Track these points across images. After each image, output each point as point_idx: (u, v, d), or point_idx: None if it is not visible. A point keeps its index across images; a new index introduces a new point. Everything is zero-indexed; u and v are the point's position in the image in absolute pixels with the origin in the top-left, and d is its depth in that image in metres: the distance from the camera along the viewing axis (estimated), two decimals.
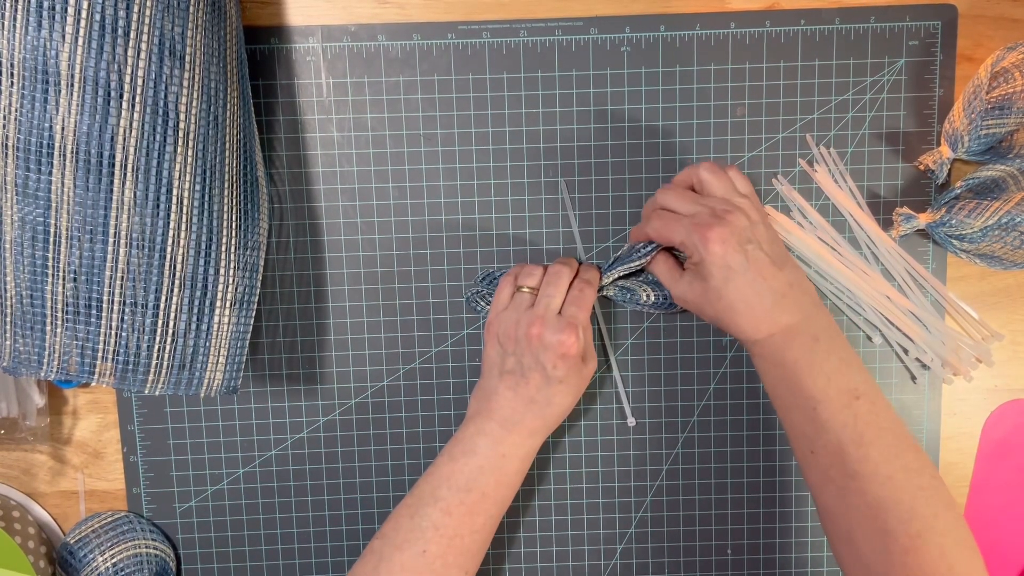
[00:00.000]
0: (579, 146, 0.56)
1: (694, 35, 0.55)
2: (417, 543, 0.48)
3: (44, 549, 0.57)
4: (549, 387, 0.49)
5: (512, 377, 0.50)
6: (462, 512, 0.49)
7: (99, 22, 0.40)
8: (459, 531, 0.49)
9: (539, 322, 0.49)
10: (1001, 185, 0.53)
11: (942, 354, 0.57)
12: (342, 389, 0.58)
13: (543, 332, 0.48)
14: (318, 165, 0.56)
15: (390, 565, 0.48)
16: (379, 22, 0.55)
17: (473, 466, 0.50)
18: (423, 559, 0.48)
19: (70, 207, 0.42)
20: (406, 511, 0.50)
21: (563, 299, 0.50)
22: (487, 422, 0.50)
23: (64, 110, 0.41)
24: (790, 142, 0.56)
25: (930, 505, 0.43)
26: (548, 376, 0.49)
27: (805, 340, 0.46)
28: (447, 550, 0.49)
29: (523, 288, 0.51)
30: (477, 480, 0.49)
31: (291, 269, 0.57)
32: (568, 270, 0.52)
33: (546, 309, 0.49)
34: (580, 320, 0.49)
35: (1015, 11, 0.55)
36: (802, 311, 0.47)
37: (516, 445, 0.50)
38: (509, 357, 0.50)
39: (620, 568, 0.60)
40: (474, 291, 0.55)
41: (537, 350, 0.48)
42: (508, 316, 0.51)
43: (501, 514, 0.52)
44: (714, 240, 0.46)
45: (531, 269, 0.52)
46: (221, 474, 0.59)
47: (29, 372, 0.45)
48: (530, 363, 0.49)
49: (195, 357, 0.47)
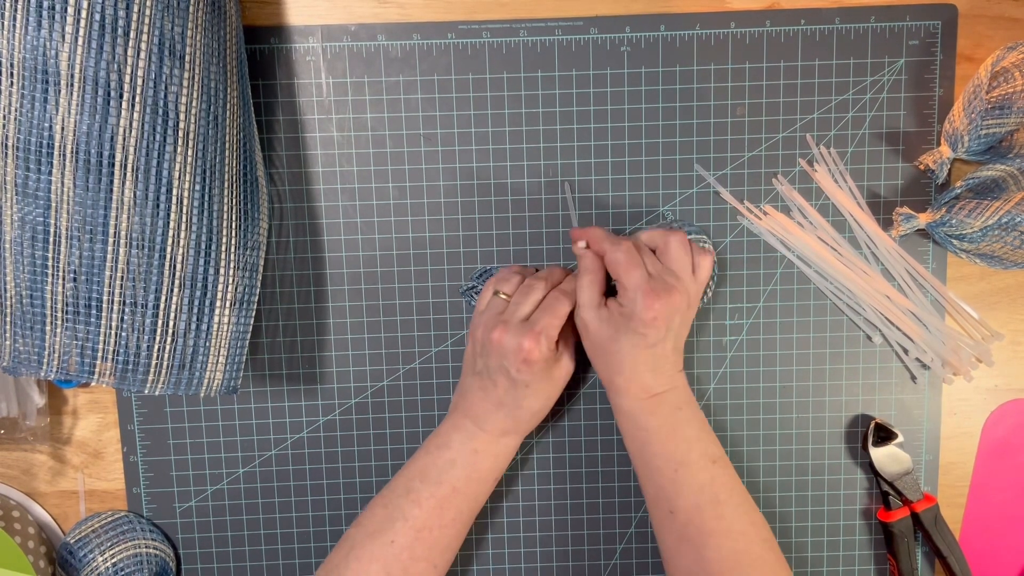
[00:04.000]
0: (579, 146, 0.56)
1: (694, 35, 0.55)
2: (386, 533, 0.50)
3: (44, 549, 0.56)
4: (515, 390, 0.50)
5: (480, 379, 0.51)
6: (431, 505, 0.50)
7: (99, 22, 0.40)
8: (427, 524, 0.50)
9: (502, 327, 0.49)
10: (1001, 185, 0.53)
11: (942, 354, 0.57)
12: (342, 389, 0.58)
13: (503, 337, 0.49)
14: (318, 165, 0.56)
15: (360, 553, 0.49)
16: (379, 22, 0.55)
17: (445, 460, 0.51)
18: (391, 549, 0.49)
19: (70, 207, 0.42)
20: (380, 500, 0.51)
21: (533, 307, 0.51)
22: (462, 418, 0.52)
23: (64, 110, 0.41)
24: (790, 142, 0.56)
25: (774, 552, 0.49)
26: (513, 380, 0.49)
27: (670, 408, 0.50)
28: (415, 542, 0.49)
29: (500, 293, 0.52)
30: (448, 474, 0.50)
31: (291, 269, 0.57)
32: (544, 284, 0.52)
33: (511, 315, 0.50)
34: (545, 327, 0.49)
35: (1015, 11, 0.55)
36: (671, 382, 0.51)
37: (488, 443, 0.51)
38: (479, 359, 0.51)
39: (620, 568, 0.60)
40: (469, 286, 0.56)
41: (500, 354, 0.49)
42: (481, 319, 0.52)
43: (473, 511, 0.52)
44: (652, 312, 0.48)
45: (511, 275, 0.53)
46: (221, 474, 0.59)
47: (29, 372, 0.45)
48: (495, 367, 0.50)
49: (195, 357, 0.47)
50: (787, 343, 0.58)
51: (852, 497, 0.59)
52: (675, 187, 0.56)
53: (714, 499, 0.48)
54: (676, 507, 0.49)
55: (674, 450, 0.49)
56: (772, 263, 0.57)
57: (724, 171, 0.56)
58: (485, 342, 0.50)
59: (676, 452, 0.49)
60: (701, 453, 0.49)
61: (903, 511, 0.57)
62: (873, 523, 0.60)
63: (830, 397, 0.58)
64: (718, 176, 0.56)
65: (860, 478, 0.59)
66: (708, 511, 0.48)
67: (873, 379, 0.58)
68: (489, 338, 0.50)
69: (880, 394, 0.58)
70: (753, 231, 0.57)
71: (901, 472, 0.57)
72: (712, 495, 0.48)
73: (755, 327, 0.58)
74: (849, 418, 0.59)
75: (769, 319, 0.58)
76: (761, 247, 0.57)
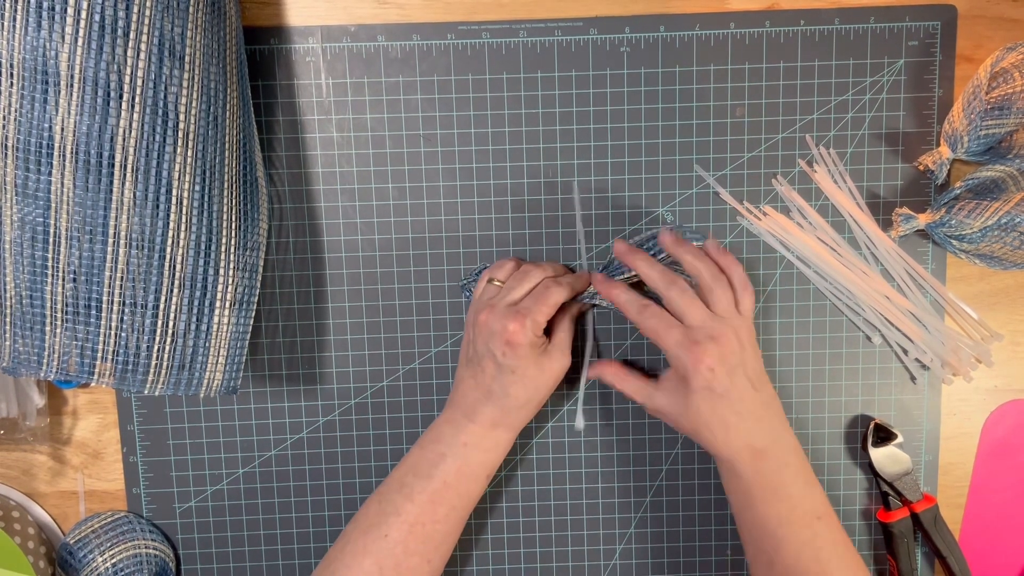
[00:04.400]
0: (579, 147, 0.56)
1: (694, 35, 0.55)
2: (380, 527, 0.50)
3: (44, 549, 0.57)
4: (502, 376, 0.50)
5: (472, 367, 0.51)
6: (423, 500, 0.50)
7: (99, 22, 0.40)
8: (420, 519, 0.50)
9: (488, 309, 0.50)
10: (1001, 185, 0.53)
11: (942, 354, 0.57)
12: (342, 389, 0.58)
13: (489, 318, 0.49)
14: (318, 165, 0.56)
15: (355, 548, 0.50)
16: (379, 22, 0.55)
17: (436, 454, 0.51)
18: (385, 543, 0.49)
19: (70, 207, 0.42)
20: (376, 496, 0.52)
21: (524, 294, 0.51)
22: (453, 411, 0.52)
23: (64, 110, 0.41)
24: (790, 142, 0.56)
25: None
26: (499, 364, 0.49)
27: (775, 465, 0.48)
28: (408, 536, 0.50)
29: (493, 280, 0.53)
30: (439, 468, 0.51)
31: (291, 269, 0.57)
32: (539, 271, 0.52)
33: (500, 300, 0.50)
34: (533, 312, 0.49)
35: (1015, 11, 0.55)
36: (773, 434, 0.49)
37: (478, 435, 0.51)
38: (470, 346, 0.52)
39: (620, 568, 0.60)
40: (468, 282, 0.56)
41: (486, 336, 0.49)
42: (474, 306, 0.52)
43: (467, 507, 0.52)
44: (705, 363, 0.47)
45: (506, 262, 0.54)
46: (221, 474, 0.59)
47: (29, 372, 0.45)
48: (482, 350, 0.50)
49: (195, 357, 0.47)
50: (787, 343, 0.58)
51: (852, 497, 0.59)
52: (675, 187, 0.56)
53: (815, 557, 0.47)
54: (775, 560, 0.48)
55: (778, 507, 0.48)
56: (772, 263, 0.57)
57: (724, 171, 0.56)
58: (474, 325, 0.51)
59: (780, 509, 0.48)
60: (807, 510, 0.48)
61: (903, 511, 0.57)
62: (873, 523, 0.60)
63: (830, 397, 0.58)
64: (718, 176, 0.56)
65: (860, 478, 0.59)
66: (810, 567, 0.47)
67: (873, 379, 0.58)
68: (477, 320, 0.50)
69: (880, 394, 0.58)
70: (753, 231, 0.57)
71: (901, 472, 0.57)
72: (814, 552, 0.47)
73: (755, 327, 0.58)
74: (849, 418, 0.59)
75: (769, 319, 0.58)
76: (761, 247, 0.57)
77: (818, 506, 0.48)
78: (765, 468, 0.48)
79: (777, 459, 0.48)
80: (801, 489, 0.48)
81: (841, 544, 0.48)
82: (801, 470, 0.49)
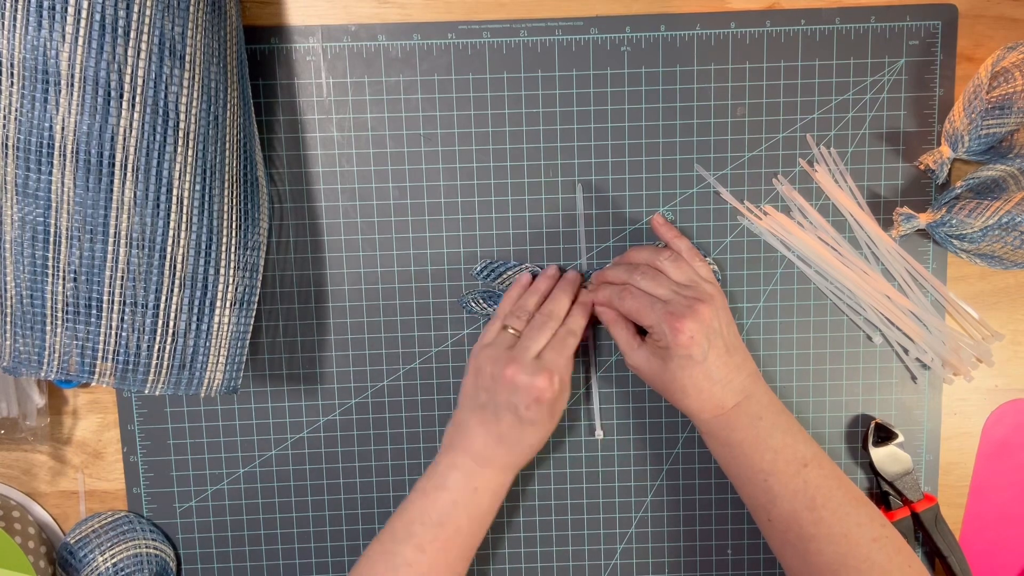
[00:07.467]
0: (579, 146, 0.56)
1: (694, 35, 0.55)
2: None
3: (44, 549, 0.56)
4: (521, 428, 0.50)
5: (484, 413, 0.50)
6: (436, 548, 0.49)
7: (99, 22, 0.40)
8: (432, 567, 0.49)
9: (515, 364, 0.49)
10: (1001, 185, 0.53)
11: (942, 354, 0.57)
12: (342, 389, 0.58)
13: (517, 375, 0.49)
14: (318, 165, 0.56)
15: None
16: (379, 22, 0.55)
17: (446, 501, 0.50)
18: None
19: (70, 207, 0.42)
20: (379, 547, 0.50)
21: (544, 345, 0.51)
22: (460, 456, 0.51)
23: (64, 110, 0.41)
24: (790, 142, 0.56)
25: (884, 552, 0.47)
26: (520, 418, 0.49)
27: (749, 419, 0.50)
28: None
29: (509, 328, 0.52)
30: (450, 515, 0.49)
31: (291, 269, 0.57)
32: (553, 322, 0.52)
33: (524, 352, 0.50)
34: (557, 366, 0.50)
35: (1015, 11, 0.55)
36: (745, 392, 0.50)
37: (489, 480, 0.51)
38: (482, 393, 0.50)
39: (620, 568, 0.60)
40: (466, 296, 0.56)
41: (510, 392, 0.49)
42: (489, 352, 0.51)
43: (474, 548, 0.52)
44: (684, 332, 0.48)
45: (521, 308, 0.53)
46: (221, 474, 0.59)
47: (29, 372, 0.45)
48: (503, 403, 0.49)
49: (195, 357, 0.47)
50: (787, 343, 0.58)
51: None
52: (675, 187, 0.56)
53: (809, 504, 0.47)
54: (772, 515, 0.49)
55: (760, 461, 0.49)
56: (772, 263, 0.57)
57: (724, 171, 0.56)
58: (496, 377, 0.50)
59: (763, 463, 0.49)
60: (789, 459, 0.49)
61: (903, 511, 0.57)
62: None
63: (830, 397, 0.58)
64: (718, 176, 0.56)
65: (860, 478, 0.59)
66: (805, 516, 0.47)
67: (873, 379, 0.58)
68: (501, 374, 0.49)
69: (880, 394, 0.58)
70: (753, 231, 0.57)
71: (901, 472, 0.57)
72: (807, 500, 0.48)
73: (755, 327, 0.58)
74: (849, 418, 0.59)
75: (769, 319, 0.58)
76: (761, 247, 0.57)
77: (802, 453, 0.49)
78: (737, 423, 0.49)
79: (748, 414, 0.50)
80: (781, 439, 0.49)
81: (834, 486, 0.48)
82: (778, 422, 0.50)
